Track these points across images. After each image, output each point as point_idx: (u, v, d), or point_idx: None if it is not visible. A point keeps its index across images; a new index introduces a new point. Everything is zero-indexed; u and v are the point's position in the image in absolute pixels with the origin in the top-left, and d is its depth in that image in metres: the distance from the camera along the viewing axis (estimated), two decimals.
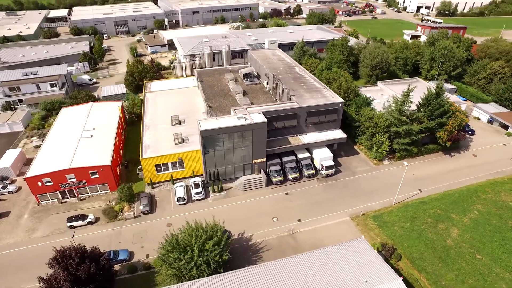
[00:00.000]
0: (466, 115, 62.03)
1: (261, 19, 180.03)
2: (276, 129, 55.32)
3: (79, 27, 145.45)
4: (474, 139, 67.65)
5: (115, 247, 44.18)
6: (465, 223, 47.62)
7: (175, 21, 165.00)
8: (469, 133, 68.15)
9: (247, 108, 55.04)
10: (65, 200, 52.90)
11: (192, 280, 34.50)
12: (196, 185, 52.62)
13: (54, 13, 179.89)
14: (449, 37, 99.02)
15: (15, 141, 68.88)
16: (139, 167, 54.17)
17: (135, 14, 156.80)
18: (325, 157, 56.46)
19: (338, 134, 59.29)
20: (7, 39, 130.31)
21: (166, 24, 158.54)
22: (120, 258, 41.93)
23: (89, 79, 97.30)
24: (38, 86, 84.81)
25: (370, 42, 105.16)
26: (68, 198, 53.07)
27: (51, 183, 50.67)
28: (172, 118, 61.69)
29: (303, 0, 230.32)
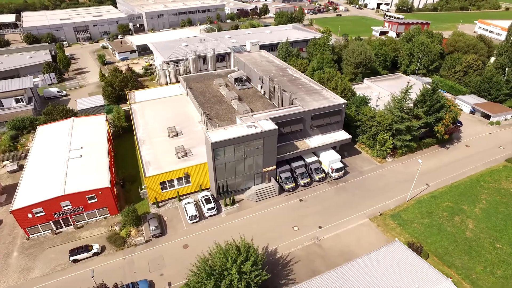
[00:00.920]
0: (459, 108, 64.43)
1: (228, 20, 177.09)
2: (282, 135, 53.58)
3: (33, 34, 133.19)
4: (463, 130, 70.69)
5: (131, 278, 39.93)
6: (478, 214, 49.13)
7: (139, 25, 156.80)
8: (457, 124, 71.03)
9: (253, 115, 52.74)
10: (59, 230, 47.21)
11: None
12: (206, 200, 49.32)
13: None
14: (421, 32, 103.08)
15: None
16: (143, 186, 49.76)
17: (96, 19, 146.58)
18: (333, 159, 55.68)
19: (342, 135, 58.82)
20: None
21: (131, 28, 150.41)
22: None
23: (58, 92, 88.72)
24: (0, 103, 75.97)
25: (343, 40, 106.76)
26: (63, 227, 47.43)
27: (43, 214, 44.84)
28: (168, 130, 57.54)
29: (266, 0, 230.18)
